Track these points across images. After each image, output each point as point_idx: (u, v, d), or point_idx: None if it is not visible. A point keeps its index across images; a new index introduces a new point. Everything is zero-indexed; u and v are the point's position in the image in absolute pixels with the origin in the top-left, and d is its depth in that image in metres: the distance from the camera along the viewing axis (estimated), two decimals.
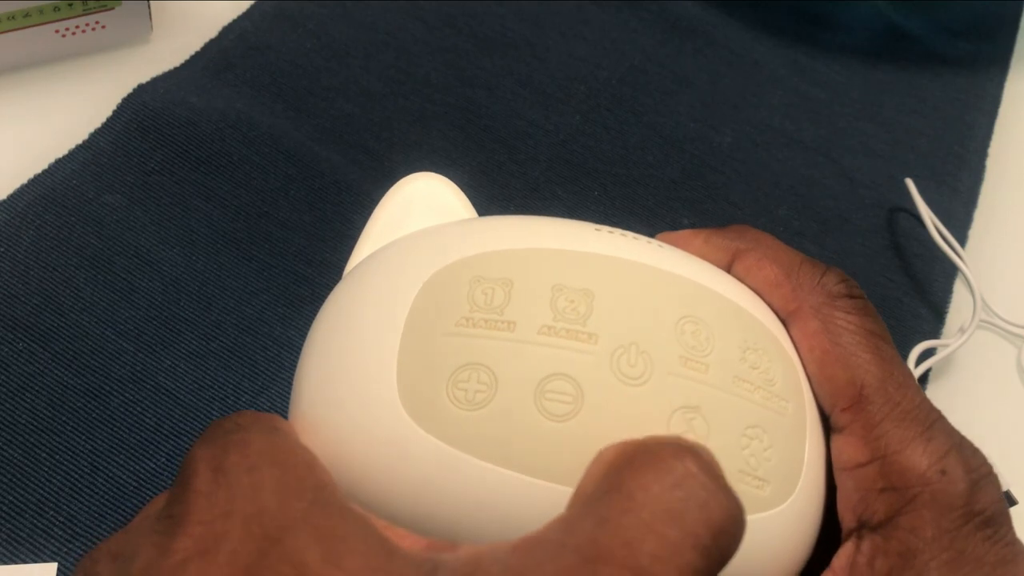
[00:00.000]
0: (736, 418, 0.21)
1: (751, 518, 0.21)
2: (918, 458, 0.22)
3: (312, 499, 0.18)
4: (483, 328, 0.21)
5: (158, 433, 0.31)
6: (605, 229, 0.24)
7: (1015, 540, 0.22)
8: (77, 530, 0.29)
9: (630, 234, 0.24)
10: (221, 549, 0.17)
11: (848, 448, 0.23)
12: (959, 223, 0.42)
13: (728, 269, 0.25)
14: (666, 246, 0.24)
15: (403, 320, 0.22)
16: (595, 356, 0.21)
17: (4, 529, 0.28)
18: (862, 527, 0.22)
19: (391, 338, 0.21)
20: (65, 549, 0.28)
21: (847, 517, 0.22)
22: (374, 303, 0.23)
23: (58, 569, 0.28)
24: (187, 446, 0.31)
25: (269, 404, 0.32)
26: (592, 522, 0.17)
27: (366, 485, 0.21)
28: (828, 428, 0.24)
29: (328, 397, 0.22)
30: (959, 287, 0.40)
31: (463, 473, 0.20)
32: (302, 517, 0.18)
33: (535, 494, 0.20)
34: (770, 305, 0.25)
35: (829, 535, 0.23)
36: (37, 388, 0.31)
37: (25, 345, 0.32)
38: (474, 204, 0.39)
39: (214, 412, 0.31)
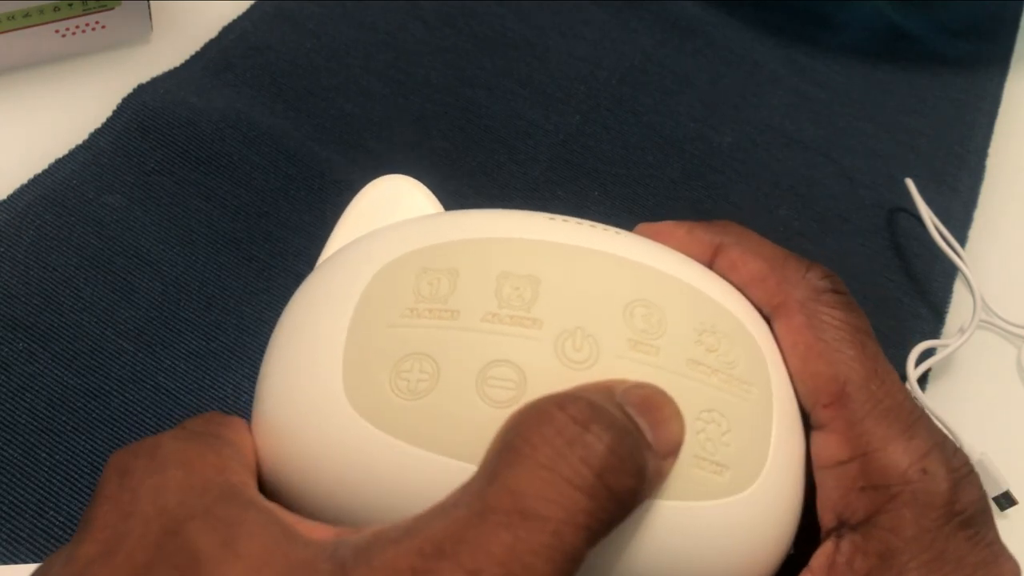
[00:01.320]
0: (689, 402, 0.21)
1: (708, 504, 0.21)
2: (899, 456, 0.21)
3: (215, 496, 0.19)
4: (427, 318, 0.21)
5: (158, 433, 0.31)
6: (559, 218, 0.24)
7: (996, 541, 0.21)
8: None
9: (586, 222, 0.24)
10: (121, 549, 0.18)
11: (829, 445, 0.22)
12: (959, 223, 0.42)
13: (710, 263, 0.25)
14: (623, 233, 0.24)
15: (350, 314, 0.22)
16: (538, 341, 0.21)
17: (4, 529, 0.28)
18: (842, 526, 0.22)
19: (338, 332, 0.22)
20: None
21: (827, 516, 0.22)
22: (323, 300, 0.23)
23: None
24: None
25: None
26: (482, 480, 0.18)
27: (313, 479, 0.21)
28: (809, 426, 0.23)
29: (279, 394, 0.22)
30: (959, 287, 0.40)
31: (405, 463, 0.20)
32: (202, 512, 0.18)
33: None
34: (754, 300, 0.24)
35: (809, 534, 0.23)
36: (37, 388, 0.31)
37: (25, 345, 0.32)
38: (474, 204, 0.39)
39: None
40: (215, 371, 0.32)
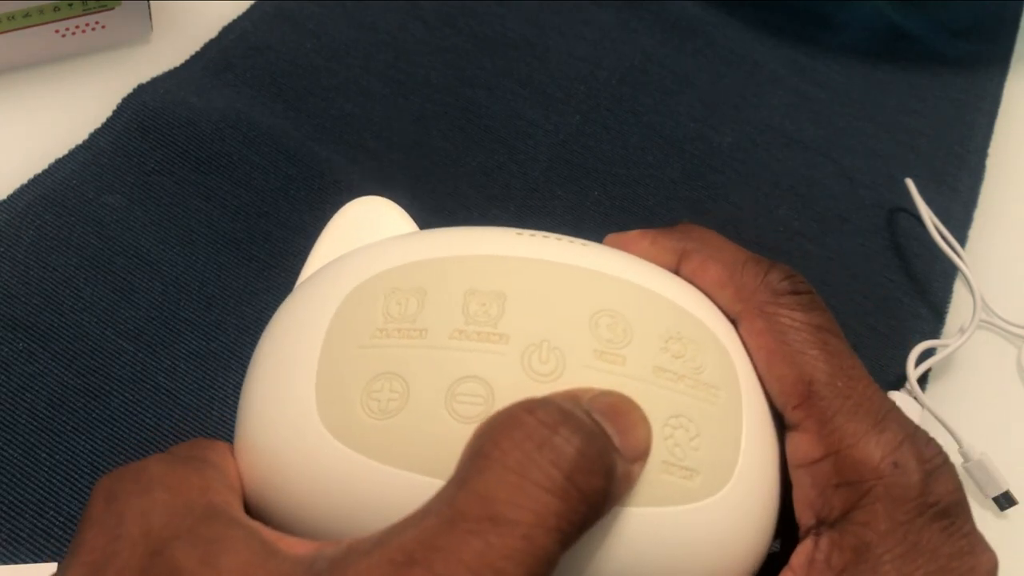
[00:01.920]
0: (656, 408, 0.21)
1: (679, 509, 0.21)
2: (871, 451, 0.21)
3: (199, 516, 0.19)
4: (396, 337, 0.21)
5: (158, 433, 0.31)
6: (527, 233, 0.24)
7: (973, 531, 0.21)
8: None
9: (552, 236, 0.24)
10: (108, 570, 0.18)
11: (802, 445, 0.22)
12: (959, 223, 0.42)
13: (676, 270, 0.25)
14: (591, 245, 0.24)
15: (322, 337, 0.22)
16: (505, 356, 0.21)
17: (4, 529, 0.28)
18: (820, 524, 0.22)
19: (311, 355, 0.22)
20: (65, 549, 0.28)
21: (805, 515, 0.22)
22: (297, 323, 0.23)
23: None
24: None
25: None
26: (453, 487, 0.18)
27: (291, 499, 0.21)
28: (784, 428, 0.23)
29: (257, 416, 0.22)
30: (959, 287, 0.40)
31: (378, 482, 0.20)
32: (185, 532, 0.19)
33: None
34: (718, 305, 0.25)
35: (791, 533, 0.23)
36: (37, 388, 0.31)
37: (25, 345, 0.32)
38: (474, 205, 0.39)
39: (214, 412, 0.31)
40: (215, 371, 0.32)
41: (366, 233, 0.27)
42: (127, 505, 0.20)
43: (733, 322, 0.24)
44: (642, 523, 0.20)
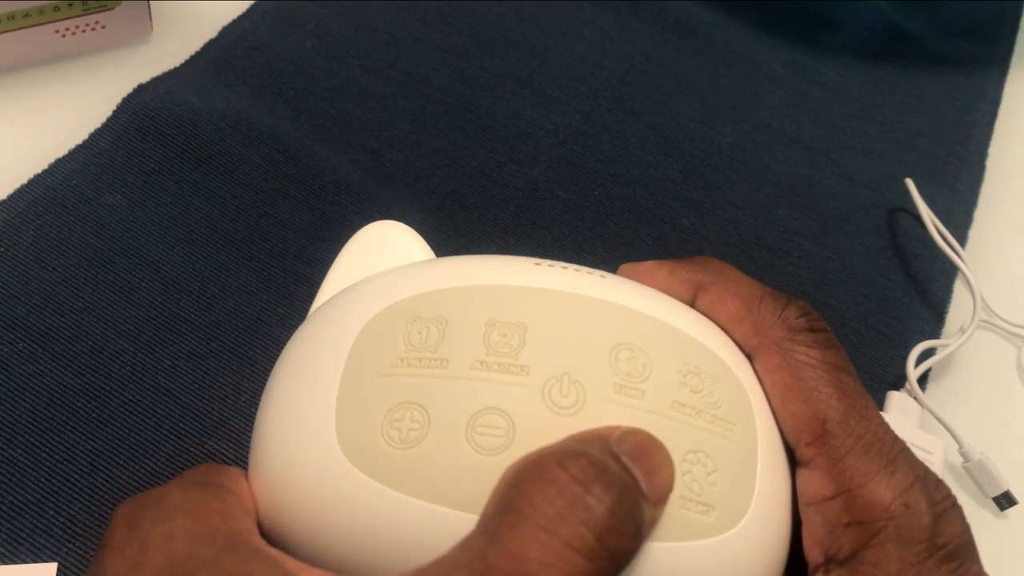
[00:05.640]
0: (675, 443, 0.21)
1: (695, 544, 0.21)
2: (882, 491, 0.22)
3: (222, 546, 0.19)
4: (417, 367, 0.21)
5: (158, 433, 0.31)
6: (545, 263, 0.24)
7: (980, 573, 0.22)
8: (77, 530, 0.29)
9: (571, 267, 0.24)
10: None
11: (813, 482, 0.23)
12: (959, 223, 0.42)
13: (692, 302, 0.25)
14: (609, 276, 0.24)
15: (343, 364, 0.22)
16: (526, 388, 0.21)
17: (4, 529, 0.28)
18: (829, 562, 0.22)
19: (331, 383, 0.22)
20: (65, 549, 0.28)
21: (814, 552, 0.22)
22: (316, 350, 0.23)
23: (58, 569, 0.28)
24: (187, 446, 0.31)
25: None
26: (483, 539, 0.18)
27: (309, 528, 0.21)
28: (796, 463, 0.24)
29: (275, 444, 0.22)
30: (959, 287, 0.40)
31: (397, 512, 0.20)
32: (210, 561, 0.19)
33: (468, 530, 0.20)
34: (734, 339, 0.25)
35: (799, 571, 0.23)
36: (37, 388, 0.31)
37: (25, 345, 0.32)
38: (474, 205, 0.39)
39: (214, 412, 0.31)
40: (215, 371, 0.32)
41: (382, 259, 0.27)
42: (149, 532, 0.19)
43: (748, 357, 0.24)
44: (659, 558, 0.20)
